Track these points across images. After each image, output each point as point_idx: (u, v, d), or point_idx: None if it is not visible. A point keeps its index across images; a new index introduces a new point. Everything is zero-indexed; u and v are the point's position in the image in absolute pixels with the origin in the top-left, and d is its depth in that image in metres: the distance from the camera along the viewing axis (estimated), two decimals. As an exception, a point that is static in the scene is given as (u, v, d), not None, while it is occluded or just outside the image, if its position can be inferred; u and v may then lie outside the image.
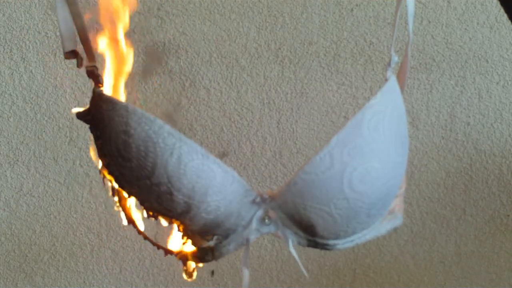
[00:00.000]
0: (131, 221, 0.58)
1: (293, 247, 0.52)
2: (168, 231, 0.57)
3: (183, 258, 0.57)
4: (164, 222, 0.53)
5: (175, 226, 0.54)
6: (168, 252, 0.59)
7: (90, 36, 0.51)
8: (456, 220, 1.13)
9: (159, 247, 0.59)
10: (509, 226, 1.12)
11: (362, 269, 1.16)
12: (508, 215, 1.12)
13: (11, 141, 1.10)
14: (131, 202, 0.56)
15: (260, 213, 0.51)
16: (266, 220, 0.51)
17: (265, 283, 1.17)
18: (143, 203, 0.51)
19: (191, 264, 0.58)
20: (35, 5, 1.03)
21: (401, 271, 1.16)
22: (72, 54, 0.51)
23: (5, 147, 1.10)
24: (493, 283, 1.16)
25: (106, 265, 1.16)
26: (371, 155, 0.49)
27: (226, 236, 0.52)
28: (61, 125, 1.09)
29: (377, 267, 1.16)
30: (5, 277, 1.17)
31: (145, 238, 0.59)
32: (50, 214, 1.14)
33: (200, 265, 0.57)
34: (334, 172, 0.48)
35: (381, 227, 0.54)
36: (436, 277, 1.16)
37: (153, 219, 0.53)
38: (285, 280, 1.17)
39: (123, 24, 0.55)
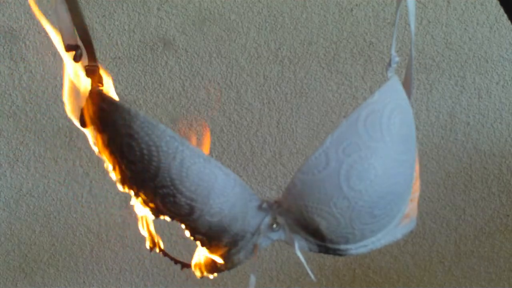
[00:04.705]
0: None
1: (303, 252, 0.52)
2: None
3: (197, 269, 0.57)
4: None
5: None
6: (184, 265, 0.59)
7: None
8: (456, 220, 1.13)
9: (176, 261, 0.60)
10: (509, 226, 1.12)
11: (362, 269, 1.16)
12: (508, 215, 1.12)
13: (11, 141, 1.10)
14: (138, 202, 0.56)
15: (268, 219, 0.51)
16: (275, 226, 0.51)
17: (265, 283, 1.17)
18: (148, 203, 0.51)
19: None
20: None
21: (400, 271, 1.16)
22: (73, 46, 0.51)
23: (5, 147, 1.10)
24: (492, 283, 1.16)
25: (106, 265, 1.16)
26: (368, 152, 0.48)
27: (235, 243, 0.52)
28: (61, 125, 1.09)
29: (376, 267, 1.16)
30: (5, 277, 1.17)
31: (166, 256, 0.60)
32: (50, 214, 1.13)
33: (211, 276, 0.57)
34: (331, 171, 0.48)
35: (396, 232, 0.54)
36: (436, 277, 1.16)
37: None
38: (285, 280, 1.17)
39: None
